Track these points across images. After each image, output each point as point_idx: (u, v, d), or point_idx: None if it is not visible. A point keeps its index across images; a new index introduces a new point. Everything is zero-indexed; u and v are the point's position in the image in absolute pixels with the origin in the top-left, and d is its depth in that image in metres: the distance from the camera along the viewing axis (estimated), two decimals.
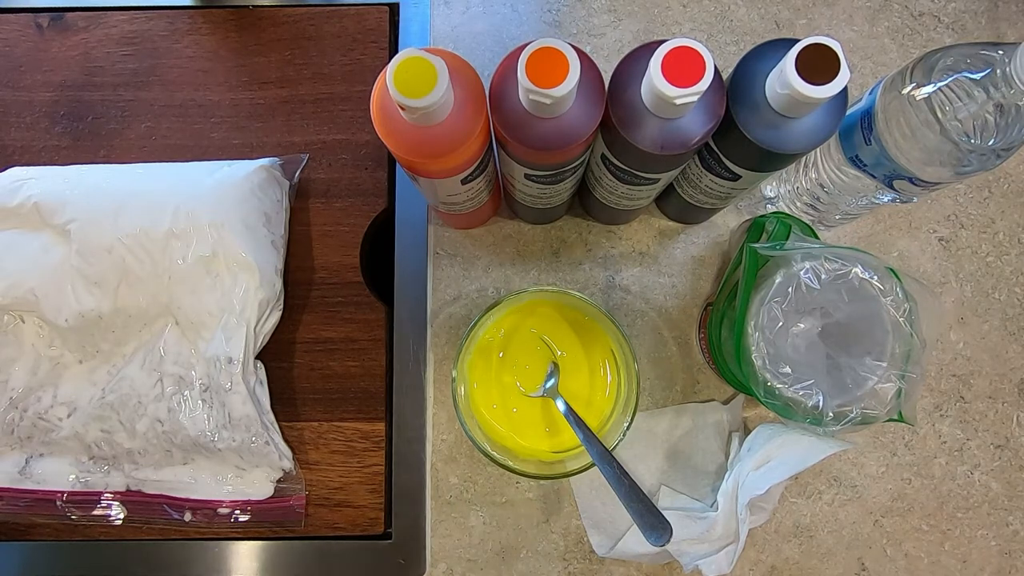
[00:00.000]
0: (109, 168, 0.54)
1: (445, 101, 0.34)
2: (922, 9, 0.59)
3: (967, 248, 0.56)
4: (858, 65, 0.58)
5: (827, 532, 0.53)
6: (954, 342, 0.55)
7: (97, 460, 0.52)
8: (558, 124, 0.36)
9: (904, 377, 0.44)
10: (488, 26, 0.59)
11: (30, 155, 0.57)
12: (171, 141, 0.57)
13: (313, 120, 0.57)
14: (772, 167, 0.41)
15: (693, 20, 0.59)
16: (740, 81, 0.38)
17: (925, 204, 0.56)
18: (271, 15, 0.59)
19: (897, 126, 0.39)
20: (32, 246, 0.50)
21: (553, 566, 0.52)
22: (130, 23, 0.59)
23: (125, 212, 0.49)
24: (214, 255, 0.49)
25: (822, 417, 0.44)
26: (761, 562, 0.52)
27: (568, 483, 0.53)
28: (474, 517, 0.53)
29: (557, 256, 0.56)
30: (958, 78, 0.37)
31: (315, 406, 0.54)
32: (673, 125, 0.37)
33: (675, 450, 0.53)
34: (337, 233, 0.56)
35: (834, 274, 0.45)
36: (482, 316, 0.47)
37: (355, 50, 0.59)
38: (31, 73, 0.58)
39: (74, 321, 0.49)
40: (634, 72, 0.37)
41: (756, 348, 0.45)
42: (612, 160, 0.41)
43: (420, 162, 0.38)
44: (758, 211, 0.56)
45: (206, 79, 0.58)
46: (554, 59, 0.33)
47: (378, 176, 0.57)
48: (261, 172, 0.52)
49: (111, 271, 0.49)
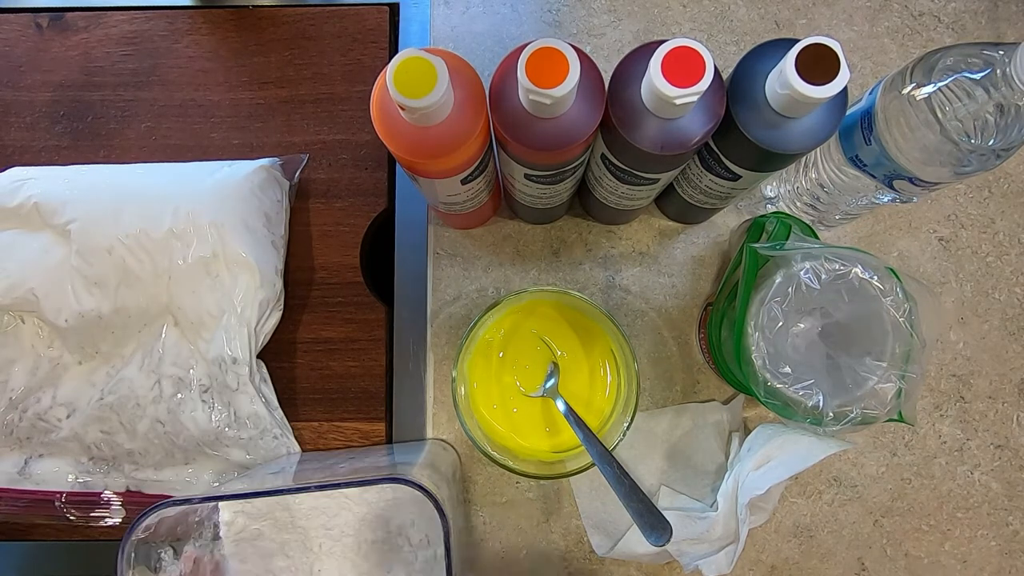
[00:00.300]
0: (109, 168, 0.54)
1: (445, 101, 0.34)
2: (922, 9, 0.59)
3: (967, 248, 0.56)
4: (858, 65, 0.58)
5: (827, 532, 0.53)
6: (954, 342, 0.55)
7: (97, 461, 0.52)
8: (558, 124, 0.36)
9: (904, 377, 0.44)
10: (488, 26, 0.59)
11: (30, 155, 0.57)
12: (171, 141, 0.57)
13: (313, 120, 0.57)
14: (772, 167, 0.41)
15: (693, 20, 0.59)
16: (740, 81, 0.38)
17: (925, 204, 0.56)
18: (271, 15, 0.59)
19: (897, 126, 0.39)
20: (32, 246, 0.50)
21: (553, 566, 0.52)
22: (130, 23, 0.59)
23: (125, 212, 0.49)
24: (214, 255, 0.49)
25: (822, 417, 0.44)
26: (761, 562, 0.52)
27: (568, 483, 0.53)
28: (474, 517, 0.53)
29: (557, 256, 0.56)
30: (958, 78, 0.37)
31: (315, 406, 0.54)
32: (673, 125, 0.37)
33: (675, 450, 0.53)
34: (337, 233, 0.56)
35: (834, 274, 0.45)
36: (482, 316, 0.47)
37: (355, 50, 0.59)
38: (31, 73, 0.58)
39: (74, 321, 0.49)
40: (634, 72, 0.37)
41: (756, 348, 0.45)
42: (612, 160, 0.41)
43: (420, 162, 0.38)
44: (758, 211, 0.56)
45: (206, 79, 0.58)
46: (554, 59, 0.33)
47: (378, 176, 0.57)
48: (261, 172, 0.52)
49: (111, 271, 0.49)
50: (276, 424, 0.52)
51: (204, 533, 0.45)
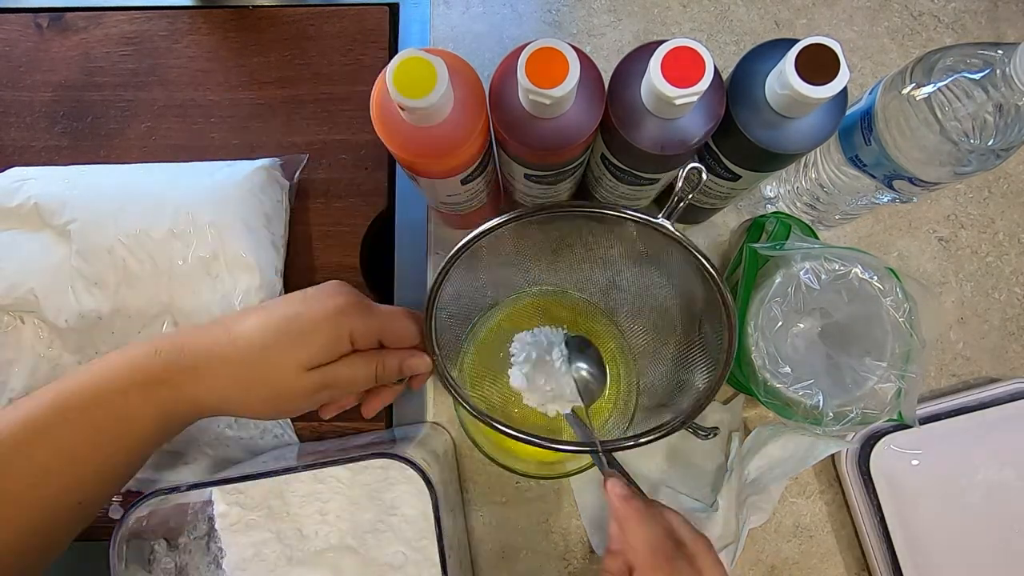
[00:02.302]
0: (109, 168, 0.54)
1: (445, 101, 0.34)
2: (922, 9, 0.59)
3: (967, 248, 0.56)
4: (858, 65, 0.58)
5: (827, 532, 0.53)
6: (954, 342, 0.55)
7: None
8: (558, 124, 0.36)
9: (904, 377, 0.44)
10: (488, 26, 0.59)
11: (30, 155, 0.57)
12: (171, 141, 0.57)
13: (313, 120, 0.57)
14: (772, 167, 0.41)
15: (693, 20, 0.59)
16: (740, 81, 0.38)
17: (925, 204, 0.56)
18: (271, 15, 0.59)
19: (897, 126, 0.39)
20: (32, 246, 0.50)
21: (553, 566, 0.52)
22: (130, 23, 0.59)
23: (125, 212, 0.49)
24: (214, 255, 0.49)
25: (822, 417, 0.44)
26: (761, 562, 0.52)
27: (568, 483, 0.53)
28: (474, 517, 0.53)
29: (557, 256, 0.56)
30: (958, 78, 0.37)
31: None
32: (673, 125, 0.37)
33: (675, 450, 0.53)
34: (337, 233, 0.56)
35: (834, 274, 0.45)
36: (482, 316, 0.47)
37: (355, 50, 0.59)
38: (31, 73, 0.58)
39: (74, 322, 0.49)
40: (634, 72, 0.37)
41: (756, 348, 0.45)
42: (612, 160, 0.41)
43: (420, 162, 0.38)
44: (758, 211, 0.56)
45: (206, 79, 0.58)
46: (554, 59, 0.33)
47: (378, 176, 0.57)
48: (261, 172, 0.53)
49: (111, 271, 0.49)
50: (277, 424, 0.52)
51: (198, 525, 0.45)
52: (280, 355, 0.39)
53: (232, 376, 0.39)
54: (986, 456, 0.51)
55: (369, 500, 0.45)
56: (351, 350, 0.41)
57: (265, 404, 0.40)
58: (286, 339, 0.39)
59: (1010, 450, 0.50)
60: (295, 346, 0.39)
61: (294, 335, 0.39)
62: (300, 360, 0.39)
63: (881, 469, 0.49)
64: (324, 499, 0.45)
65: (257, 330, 0.39)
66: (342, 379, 0.41)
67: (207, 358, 0.39)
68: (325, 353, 0.40)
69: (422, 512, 0.45)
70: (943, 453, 0.50)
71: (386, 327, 0.42)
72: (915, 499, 0.50)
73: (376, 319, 0.41)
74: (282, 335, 0.39)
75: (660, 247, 0.45)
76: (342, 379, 0.41)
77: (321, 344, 0.39)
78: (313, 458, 0.45)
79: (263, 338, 0.39)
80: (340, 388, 0.41)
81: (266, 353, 0.39)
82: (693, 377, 0.45)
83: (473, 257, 0.44)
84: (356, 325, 0.40)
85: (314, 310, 0.40)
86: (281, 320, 0.39)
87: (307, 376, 0.39)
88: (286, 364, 0.39)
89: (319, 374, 0.40)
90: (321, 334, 0.39)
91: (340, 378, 0.41)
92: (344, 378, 0.41)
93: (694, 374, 0.45)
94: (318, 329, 0.39)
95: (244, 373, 0.39)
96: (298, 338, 0.39)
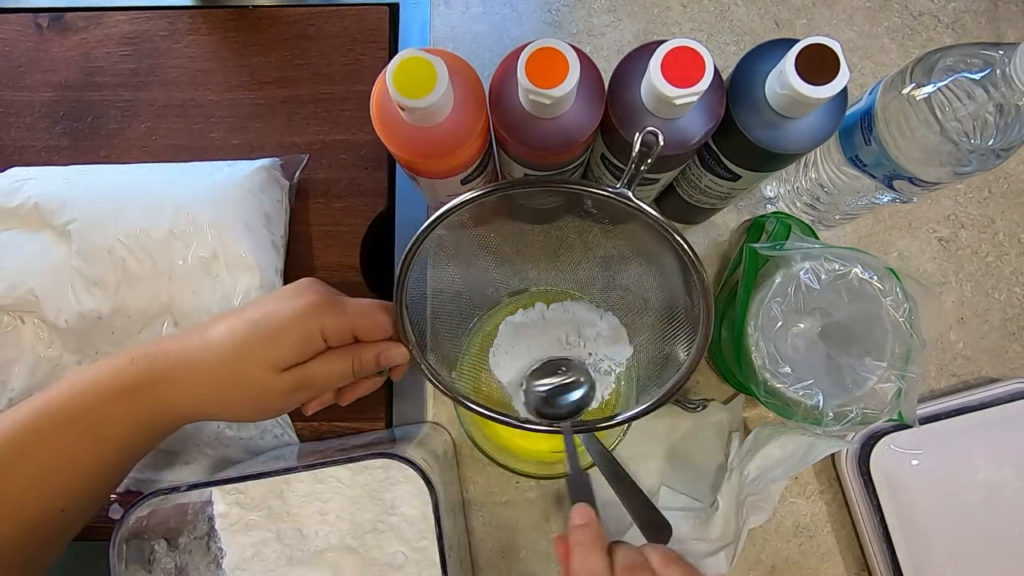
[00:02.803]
0: (109, 168, 0.54)
1: (445, 101, 0.34)
2: (922, 9, 0.59)
3: (967, 248, 0.56)
4: (858, 65, 0.58)
5: (827, 532, 0.53)
6: (954, 342, 0.55)
7: None
8: (558, 124, 0.37)
9: (904, 377, 0.44)
10: (488, 26, 0.59)
11: (30, 155, 0.57)
12: (171, 141, 0.57)
13: (313, 120, 0.57)
14: (772, 167, 0.41)
15: (693, 20, 0.59)
16: (740, 81, 0.38)
17: (925, 204, 0.56)
18: (271, 15, 0.59)
19: (897, 126, 0.39)
20: (32, 246, 0.50)
21: (553, 566, 0.52)
22: (130, 23, 0.59)
23: (125, 212, 0.49)
24: (214, 255, 0.49)
25: (822, 417, 0.44)
26: (761, 562, 0.52)
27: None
28: (474, 517, 0.53)
29: (557, 256, 0.56)
30: (958, 78, 0.37)
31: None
32: (673, 125, 0.37)
33: (675, 450, 0.53)
34: (337, 233, 0.56)
35: (834, 274, 0.45)
36: (482, 316, 0.47)
37: (355, 50, 0.59)
38: (31, 73, 0.58)
39: (74, 322, 0.49)
40: (634, 72, 0.37)
41: (756, 348, 0.45)
42: (612, 160, 0.41)
43: (420, 162, 0.38)
44: (758, 211, 0.56)
45: (206, 79, 0.58)
46: (554, 59, 0.33)
47: (378, 176, 0.57)
48: (261, 172, 0.53)
49: (111, 271, 0.49)
50: (277, 424, 0.52)
51: (198, 525, 0.45)
52: (251, 357, 0.39)
53: (207, 380, 0.39)
54: (986, 456, 0.51)
55: (369, 500, 0.45)
56: (325, 348, 0.41)
57: (243, 406, 0.40)
58: (255, 341, 0.39)
59: (1010, 450, 0.50)
60: (265, 347, 0.39)
61: (262, 336, 0.39)
62: (271, 361, 0.39)
63: (881, 469, 0.49)
64: (324, 499, 0.45)
65: (228, 333, 0.39)
66: (318, 377, 0.41)
67: (181, 364, 0.39)
68: (296, 353, 0.39)
69: (422, 512, 0.45)
70: (943, 453, 0.50)
71: (358, 322, 0.41)
72: (915, 499, 0.50)
73: (347, 315, 0.41)
74: (251, 337, 0.39)
75: (623, 220, 0.44)
76: (318, 377, 0.41)
77: (291, 344, 0.39)
78: (313, 458, 0.45)
79: (233, 340, 0.39)
80: (317, 387, 0.41)
81: (238, 355, 0.39)
82: (676, 351, 0.44)
83: (455, 249, 0.45)
84: (327, 322, 0.40)
85: (282, 310, 0.40)
86: (251, 322, 0.39)
87: (281, 377, 0.39)
88: (258, 365, 0.39)
89: (294, 374, 0.40)
90: (291, 334, 0.39)
91: (316, 377, 0.40)
92: (320, 376, 0.41)
93: (677, 348, 0.44)
94: (287, 329, 0.39)
95: (218, 376, 0.39)
96: (267, 339, 0.39)
